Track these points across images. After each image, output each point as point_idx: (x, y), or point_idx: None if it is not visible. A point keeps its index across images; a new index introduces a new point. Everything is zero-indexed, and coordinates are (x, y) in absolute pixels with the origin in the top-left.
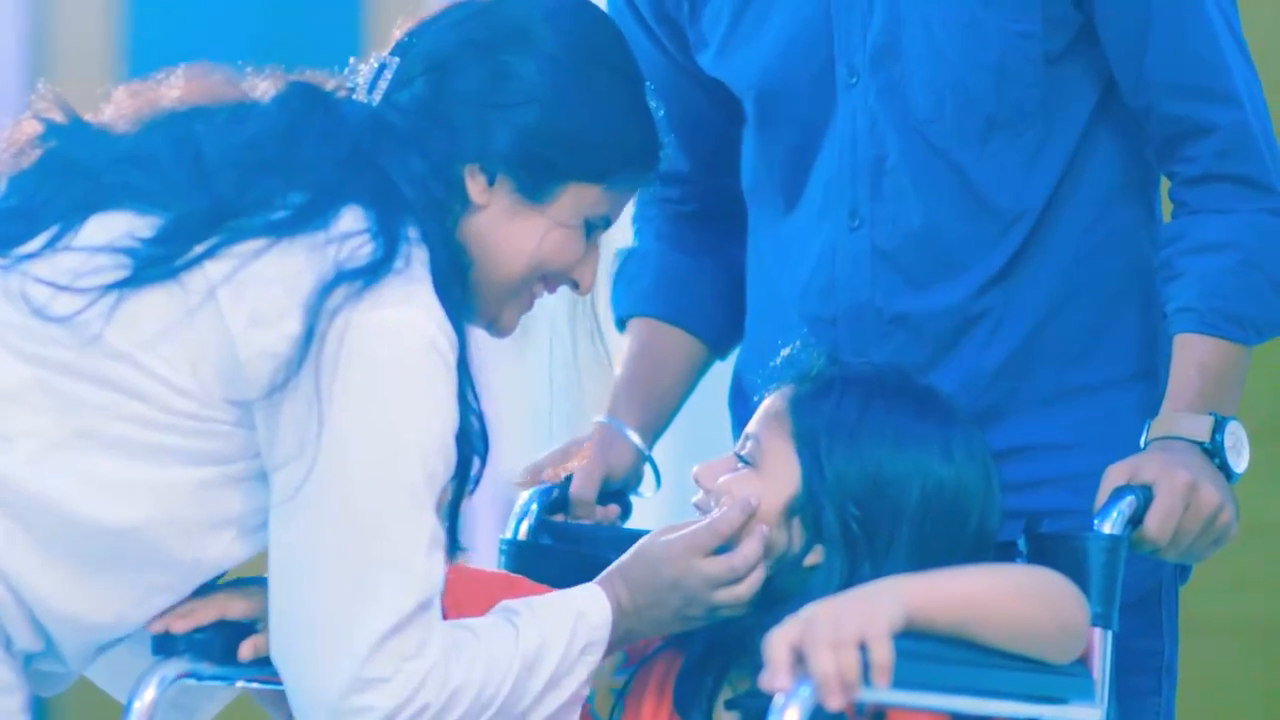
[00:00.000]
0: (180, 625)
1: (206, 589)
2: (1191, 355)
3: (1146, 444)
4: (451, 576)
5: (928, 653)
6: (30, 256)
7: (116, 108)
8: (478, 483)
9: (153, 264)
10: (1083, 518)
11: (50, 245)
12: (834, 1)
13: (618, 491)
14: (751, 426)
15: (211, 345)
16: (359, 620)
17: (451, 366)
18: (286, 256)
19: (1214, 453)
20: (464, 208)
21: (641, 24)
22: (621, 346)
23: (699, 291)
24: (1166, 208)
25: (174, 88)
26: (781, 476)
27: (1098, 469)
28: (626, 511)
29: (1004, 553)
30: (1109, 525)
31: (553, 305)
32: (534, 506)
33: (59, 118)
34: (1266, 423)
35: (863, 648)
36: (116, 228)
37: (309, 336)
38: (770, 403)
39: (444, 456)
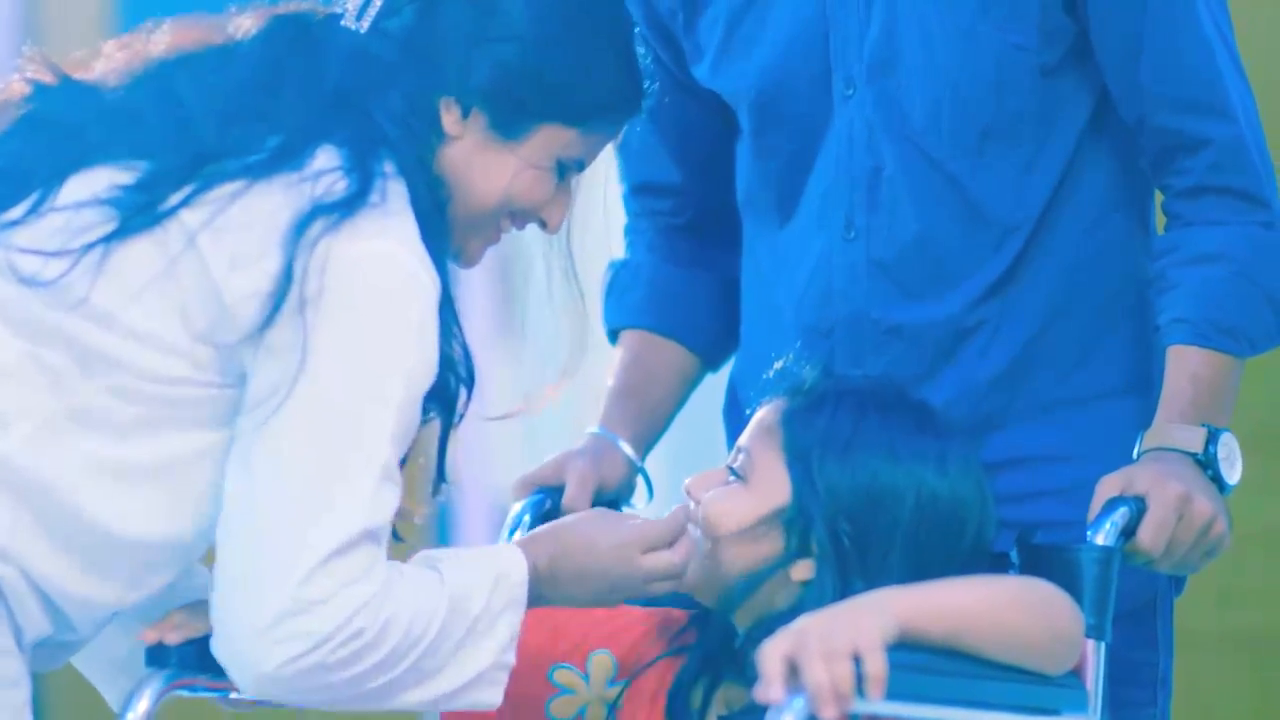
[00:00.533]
0: (174, 636)
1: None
2: (1185, 366)
3: (1140, 455)
4: None
5: (921, 664)
6: (14, 224)
7: (106, 62)
8: (463, 416)
9: (136, 212)
10: (1078, 529)
11: (34, 210)
12: (831, 13)
13: (610, 503)
14: (743, 439)
15: (195, 293)
16: (302, 540)
17: (432, 299)
18: (263, 197)
19: (1207, 464)
20: (439, 139)
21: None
22: (613, 359)
23: (691, 304)
24: (1160, 221)
25: (161, 39)
26: (771, 490)
27: (1093, 480)
28: None
29: (996, 563)
30: (1102, 537)
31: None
32: (526, 517)
33: (48, 78)
34: (1259, 433)
35: (856, 659)
36: (99, 183)
37: (289, 271)
38: (762, 416)
39: (417, 391)
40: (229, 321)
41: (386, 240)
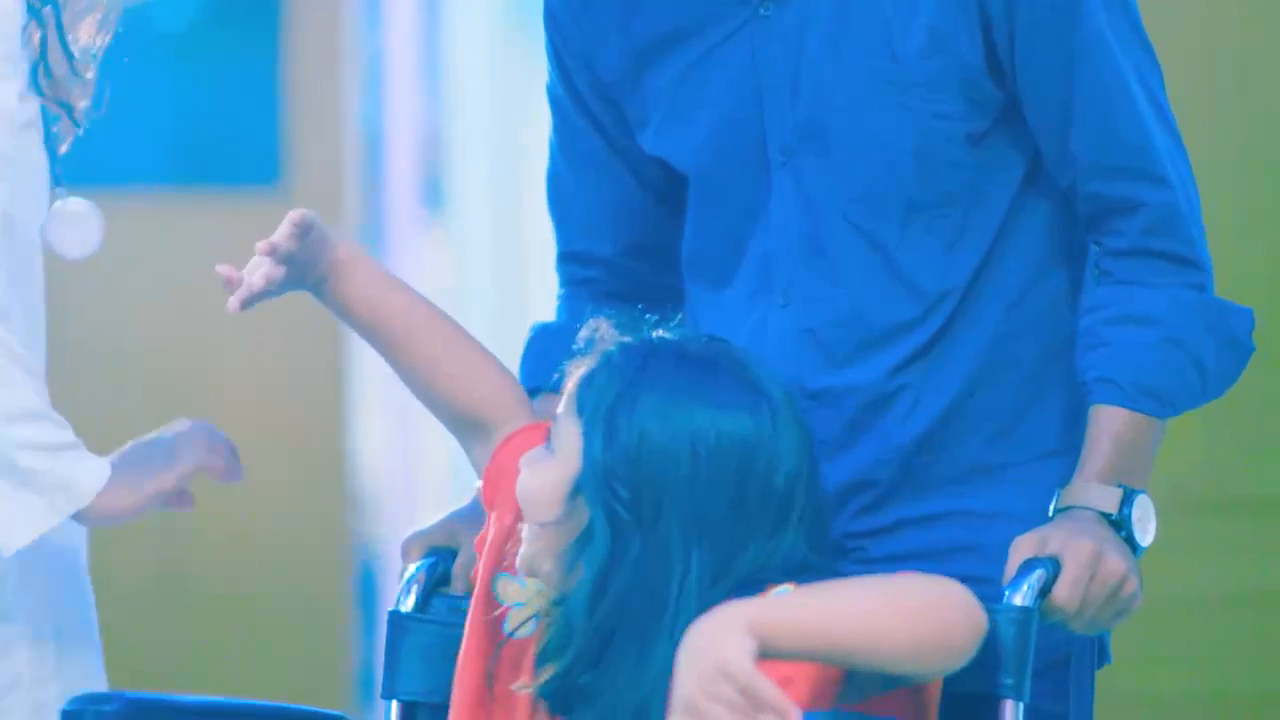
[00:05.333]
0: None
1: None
2: (1106, 426)
3: (1055, 513)
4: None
5: None
6: None
7: None
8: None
9: None
10: (995, 586)
11: None
12: (764, 80)
13: None
14: (557, 407)
15: None
16: None
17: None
18: None
19: (1120, 524)
20: None
21: (579, 102)
22: None
23: None
24: None
25: None
26: (570, 457)
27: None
28: None
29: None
30: (1020, 597)
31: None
32: (421, 577)
33: None
34: (1180, 495)
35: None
36: None
37: None
38: (569, 382)
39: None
40: None
41: None
